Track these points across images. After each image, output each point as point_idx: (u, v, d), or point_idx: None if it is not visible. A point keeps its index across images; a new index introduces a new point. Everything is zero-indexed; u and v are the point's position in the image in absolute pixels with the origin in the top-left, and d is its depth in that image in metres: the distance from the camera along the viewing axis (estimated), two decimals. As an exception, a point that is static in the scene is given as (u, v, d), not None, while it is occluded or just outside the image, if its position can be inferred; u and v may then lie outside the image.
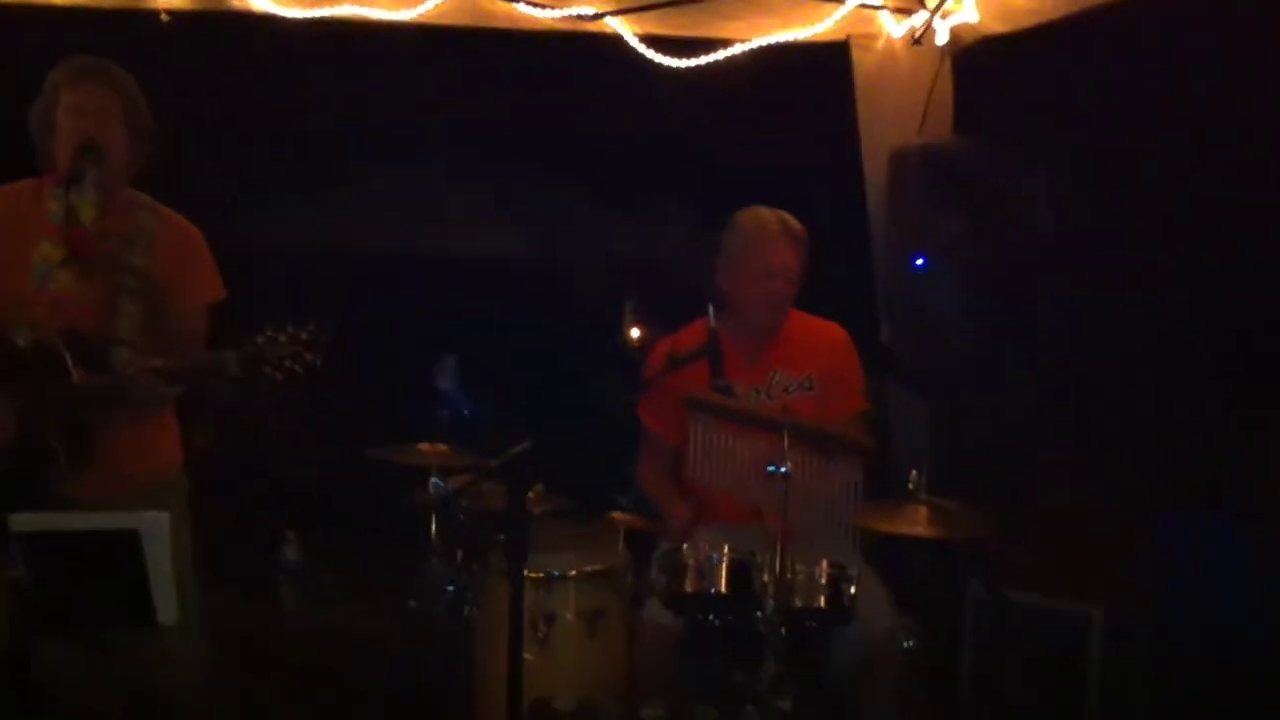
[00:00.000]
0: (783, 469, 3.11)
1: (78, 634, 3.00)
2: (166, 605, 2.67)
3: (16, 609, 2.58)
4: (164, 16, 4.49)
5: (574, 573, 3.64)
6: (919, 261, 4.20)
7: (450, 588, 3.86)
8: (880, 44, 4.63)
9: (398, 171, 8.36)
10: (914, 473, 3.45)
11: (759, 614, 3.11)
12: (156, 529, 2.63)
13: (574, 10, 4.61)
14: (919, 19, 4.51)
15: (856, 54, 4.66)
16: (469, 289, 8.50)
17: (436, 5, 4.53)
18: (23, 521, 2.61)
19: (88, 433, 3.05)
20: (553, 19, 4.63)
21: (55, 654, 3.04)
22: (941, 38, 4.48)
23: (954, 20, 4.48)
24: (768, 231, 3.71)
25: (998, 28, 4.43)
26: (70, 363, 2.97)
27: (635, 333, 7.04)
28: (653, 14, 4.65)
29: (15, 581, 2.55)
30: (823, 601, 3.17)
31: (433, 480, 3.94)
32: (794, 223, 3.73)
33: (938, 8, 4.42)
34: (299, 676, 4.47)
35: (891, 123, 4.64)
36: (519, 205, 8.84)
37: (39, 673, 2.97)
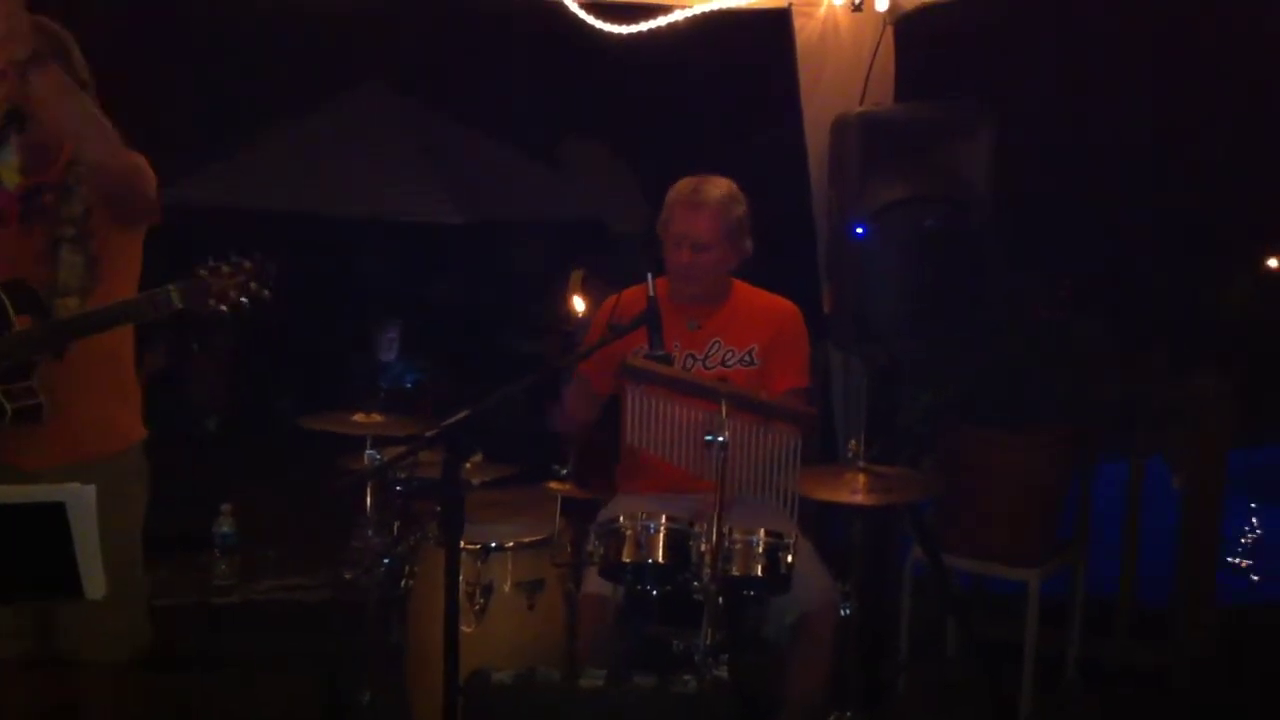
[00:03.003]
0: (720, 438, 3.10)
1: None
2: (93, 579, 2.62)
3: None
4: None
5: (511, 544, 3.61)
6: (859, 230, 4.19)
7: (386, 560, 3.82)
8: (822, 11, 4.58)
9: (334, 135, 8.28)
10: (852, 441, 3.45)
11: (696, 583, 3.10)
12: (82, 502, 2.57)
13: (515, -24, 4.54)
14: (860, -15, 4.48)
15: (798, 21, 4.62)
16: (407, 255, 8.45)
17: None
18: (-54, 495, 2.56)
19: (35, 387, 2.97)
20: (493, -16, 4.56)
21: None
22: (882, 4, 4.45)
23: (894, -14, 4.46)
24: (679, 199, 3.74)
25: (937, -5, 4.41)
26: (11, 312, 2.93)
27: (579, 301, 7.00)
28: (595, -20, 4.58)
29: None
30: (760, 570, 3.17)
31: (368, 451, 3.89)
32: (710, 190, 3.72)
33: (877, -26, 4.39)
34: (233, 650, 4.43)
35: (833, 91, 4.60)
36: (460, 171, 8.77)
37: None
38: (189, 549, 5.22)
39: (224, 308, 2.79)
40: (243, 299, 2.79)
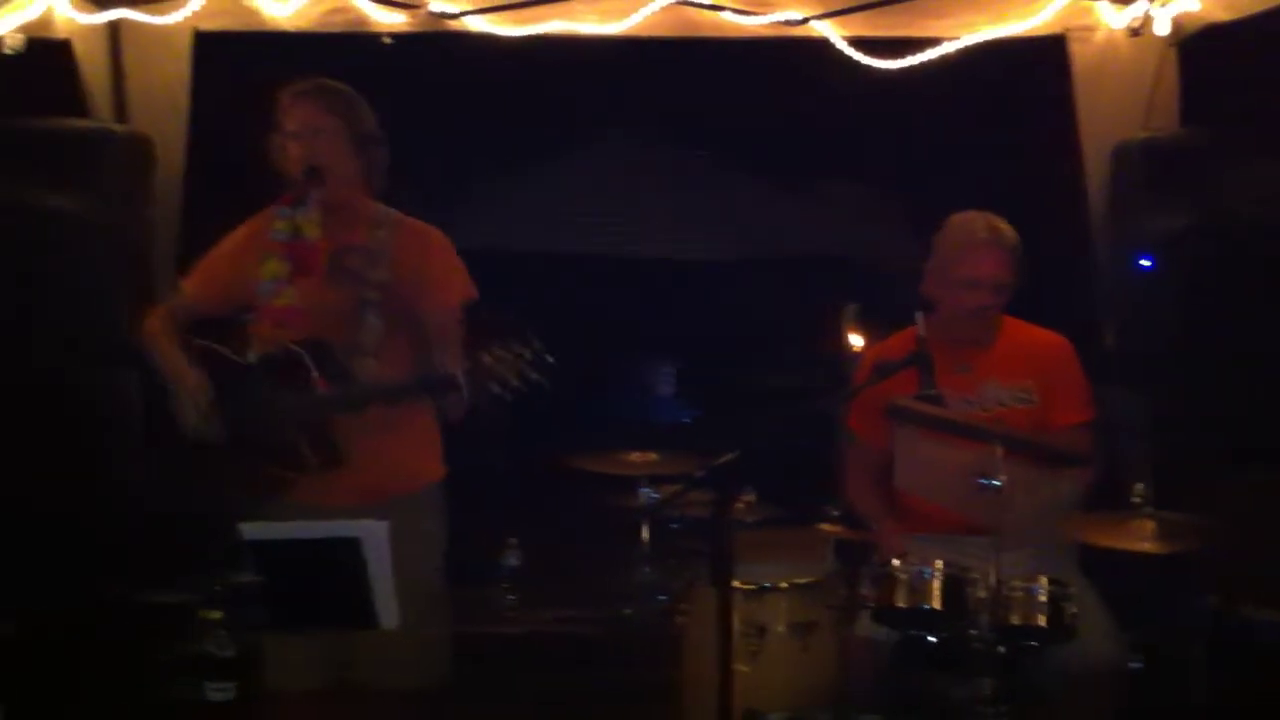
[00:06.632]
0: (995, 481, 3.03)
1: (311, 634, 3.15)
2: (387, 610, 2.77)
3: (248, 614, 2.71)
4: (386, 40, 4.71)
5: (785, 584, 3.61)
6: (1145, 262, 4.02)
7: (662, 596, 3.89)
8: (1099, 36, 4.47)
9: (610, 179, 8.52)
10: (1139, 485, 3.30)
11: (973, 631, 3.03)
12: (377, 537, 2.73)
13: (780, 15, 4.59)
14: (1139, 9, 4.33)
15: (1074, 47, 4.52)
16: (680, 294, 8.62)
17: (645, 17, 4.59)
18: (253, 530, 2.75)
19: (335, 438, 3.13)
20: (760, 25, 4.62)
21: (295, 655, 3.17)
22: (1162, 27, 4.28)
23: (1175, 9, 4.27)
24: (975, 239, 3.56)
25: (1222, 15, 4.21)
26: (313, 371, 3.09)
27: (855, 339, 6.96)
28: (860, 15, 4.58)
29: (247, 587, 2.69)
30: (1042, 619, 3.07)
31: (642, 490, 3.98)
32: (1006, 230, 3.57)
33: (1156, -4, 4.25)
34: (516, 679, 4.57)
35: (1113, 117, 4.49)
36: (734, 210, 8.88)
37: (271, 677, 3.15)
38: (476, 580, 5.43)
39: (506, 395, 2.92)
40: (522, 385, 2.93)
